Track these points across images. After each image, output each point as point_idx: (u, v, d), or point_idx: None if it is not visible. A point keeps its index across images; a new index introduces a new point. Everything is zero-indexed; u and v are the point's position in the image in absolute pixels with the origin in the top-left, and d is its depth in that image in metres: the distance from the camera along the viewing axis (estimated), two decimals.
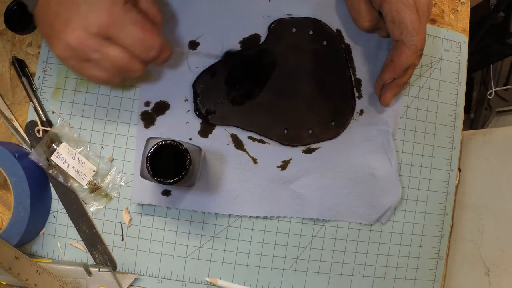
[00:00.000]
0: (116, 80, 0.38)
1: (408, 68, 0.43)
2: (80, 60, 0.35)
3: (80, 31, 0.33)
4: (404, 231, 0.51)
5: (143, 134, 0.47)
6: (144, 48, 0.36)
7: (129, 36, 0.35)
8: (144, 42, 0.36)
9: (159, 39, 0.37)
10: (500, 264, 0.47)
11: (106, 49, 0.35)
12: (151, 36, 0.36)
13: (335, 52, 0.49)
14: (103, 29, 0.34)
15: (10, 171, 0.42)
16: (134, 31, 0.35)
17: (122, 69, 0.37)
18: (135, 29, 0.35)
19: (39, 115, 0.46)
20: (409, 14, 0.40)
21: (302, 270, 0.49)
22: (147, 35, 0.36)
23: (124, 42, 0.35)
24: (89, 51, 0.34)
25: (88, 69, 0.36)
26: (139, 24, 0.35)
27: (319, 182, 0.48)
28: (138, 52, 0.36)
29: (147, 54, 0.37)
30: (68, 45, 0.34)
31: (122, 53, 0.36)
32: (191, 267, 0.48)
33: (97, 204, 0.47)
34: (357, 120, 0.50)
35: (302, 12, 0.49)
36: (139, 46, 0.36)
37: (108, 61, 0.36)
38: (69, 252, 0.47)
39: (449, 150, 0.53)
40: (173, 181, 0.36)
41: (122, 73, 0.37)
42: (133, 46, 0.36)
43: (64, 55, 0.35)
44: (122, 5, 0.34)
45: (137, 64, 0.37)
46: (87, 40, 0.34)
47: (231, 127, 0.48)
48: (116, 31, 0.34)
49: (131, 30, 0.35)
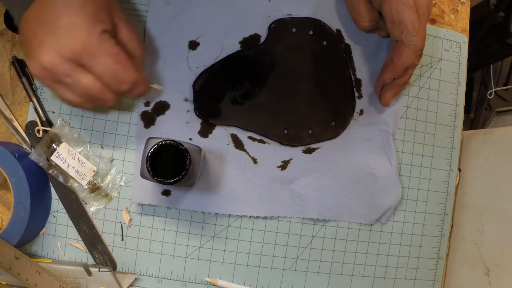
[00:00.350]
0: (88, 106, 0.38)
1: (408, 68, 0.43)
2: (53, 81, 0.35)
3: (53, 54, 0.33)
4: (404, 231, 0.51)
5: (143, 134, 0.47)
6: (115, 81, 0.36)
7: (100, 67, 0.35)
8: (116, 75, 0.36)
9: (132, 74, 0.36)
10: (500, 264, 0.47)
11: (78, 75, 0.35)
12: (124, 70, 0.36)
13: (335, 52, 0.49)
14: (75, 56, 0.34)
15: (10, 171, 0.42)
16: (107, 63, 0.35)
17: (93, 97, 0.37)
18: (107, 61, 0.35)
19: (39, 115, 0.46)
20: (409, 14, 0.40)
21: (302, 270, 0.49)
22: (120, 68, 0.36)
23: (96, 72, 0.35)
24: (61, 75, 0.35)
25: (61, 91, 0.36)
26: (113, 56, 0.35)
27: (319, 182, 0.48)
28: (109, 83, 0.36)
29: (119, 87, 0.37)
30: (42, 65, 0.34)
31: (93, 82, 0.35)
32: (191, 267, 0.48)
33: (97, 204, 0.47)
34: (357, 120, 0.50)
35: (302, 12, 0.49)
36: (111, 78, 0.36)
37: (79, 87, 0.35)
38: (69, 252, 0.47)
39: (449, 150, 0.53)
40: (173, 181, 0.36)
41: (94, 100, 0.37)
42: (105, 77, 0.35)
43: (38, 74, 0.35)
44: (99, 35, 0.34)
45: (108, 95, 0.37)
46: (60, 64, 0.34)
47: (231, 127, 0.48)
48: (88, 60, 0.34)
49: (103, 61, 0.35)
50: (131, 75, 0.36)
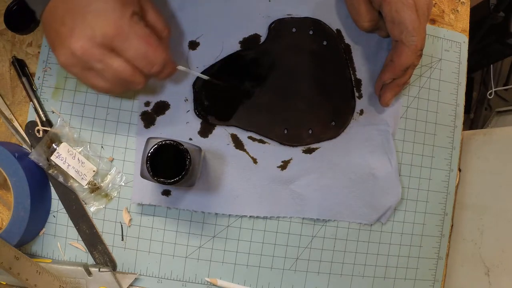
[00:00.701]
0: (118, 90, 0.38)
1: (408, 68, 0.43)
2: (83, 68, 0.35)
3: (85, 40, 0.33)
4: (404, 231, 0.51)
5: (143, 134, 0.47)
6: (147, 63, 0.36)
7: (132, 49, 0.35)
8: (147, 56, 0.36)
9: (162, 55, 0.37)
10: (500, 264, 0.47)
11: (109, 60, 0.35)
12: (155, 51, 0.36)
13: (335, 52, 0.49)
14: (107, 40, 0.34)
15: (10, 171, 0.42)
16: (138, 45, 0.35)
17: (124, 81, 0.37)
18: (139, 42, 0.35)
19: (39, 115, 0.46)
20: (409, 14, 0.40)
21: (302, 270, 0.49)
22: (151, 50, 0.36)
23: (128, 55, 0.35)
24: (92, 61, 0.34)
25: (90, 78, 0.36)
26: (144, 38, 0.35)
27: (319, 182, 0.48)
28: (140, 66, 0.36)
29: (150, 69, 0.37)
30: (72, 52, 0.34)
31: (124, 65, 0.35)
32: (191, 267, 0.48)
33: (97, 204, 0.47)
34: (357, 120, 0.50)
35: (302, 12, 0.49)
36: (142, 60, 0.36)
37: (110, 72, 0.35)
38: (69, 252, 0.47)
39: (449, 150, 0.53)
40: (173, 181, 0.36)
41: (124, 84, 0.37)
42: (136, 59, 0.36)
43: (67, 62, 0.35)
44: (129, 18, 0.34)
45: (139, 77, 0.37)
46: (91, 49, 0.34)
47: (231, 127, 0.48)
48: (120, 43, 0.34)
49: (135, 43, 0.35)
50: (162, 56, 0.37)
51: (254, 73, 0.48)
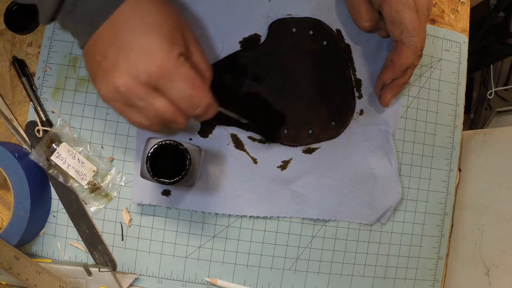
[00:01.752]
0: (157, 128, 0.37)
1: (407, 68, 0.43)
2: (124, 104, 0.34)
3: (129, 77, 0.32)
4: (404, 231, 0.51)
5: (143, 134, 0.47)
6: (191, 105, 0.35)
7: (177, 91, 0.34)
8: (192, 99, 0.34)
9: (207, 98, 0.35)
10: (500, 264, 0.47)
11: (152, 99, 0.34)
12: (200, 94, 0.35)
13: (335, 52, 0.49)
14: (152, 80, 0.33)
15: (10, 171, 0.42)
16: (184, 87, 0.34)
17: (165, 121, 0.36)
18: (185, 85, 0.34)
19: (39, 115, 0.46)
20: (409, 14, 0.40)
21: (302, 270, 0.49)
22: (196, 93, 0.34)
23: (172, 96, 0.34)
24: (135, 98, 0.33)
25: (131, 114, 0.35)
26: (190, 80, 0.34)
27: (319, 182, 0.48)
28: (183, 107, 0.35)
29: (193, 111, 0.35)
30: (115, 88, 0.33)
31: (167, 106, 0.34)
32: (191, 267, 0.48)
33: (97, 204, 0.47)
34: (357, 120, 0.50)
35: (302, 12, 0.49)
36: (186, 102, 0.34)
37: (152, 111, 0.34)
38: (69, 252, 0.47)
39: (449, 150, 0.53)
40: (173, 181, 0.36)
41: (164, 124, 0.36)
42: (180, 101, 0.34)
43: (109, 96, 0.34)
44: (176, 58, 0.33)
45: (180, 118, 0.36)
46: (135, 88, 0.33)
47: (231, 127, 0.48)
48: (165, 83, 0.33)
49: (180, 85, 0.33)
50: (206, 99, 0.35)
51: (254, 73, 0.48)
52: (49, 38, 0.48)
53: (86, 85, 0.47)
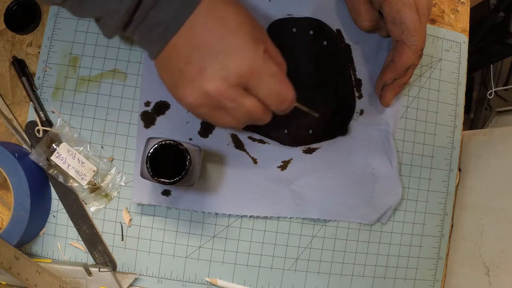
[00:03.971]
0: (242, 126, 0.37)
1: (409, 68, 0.43)
2: (212, 108, 0.34)
3: (219, 81, 0.32)
4: (404, 231, 0.51)
5: (143, 134, 0.47)
6: (279, 101, 0.35)
7: (267, 88, 0.33)
8: (280, 94, 0.34)
9: (292, 91, 0.35)
10: (500, 264, 0.47)
11: (242, 99, 0.33)
12: (287, 88, 0.35)
13: (335, 52, 0.49)
14: (242, 80, 0.32)
15: (10, 171, 0.42)
16: (273, 83, 0.33)
17: (253, 119, 0.35)
18: (273, 81, 0.33)
19: (39, 115, 0.46)
20: (410, 14, 0.40)
21: (302, 270, 0.49)
22: (284, 87, 0.34)
23: (261, 94, 0.34)
24: (226, 101, 0.33)
25: (218, 117, 0.35)
26: (277, 75, 0.34)
27: (319, 182, 0.48)
28: (272, 103, 0.35)
29: (281, 106, 0.35)
30: (205, 93, 0.32)
31: (257, 104, 0.34)
32: (191, 267, 0.48)
33: (97, 204, 0.47)
34: (357, 120, 0.50)
35: (302, 12, 0.49)
36: (275, 98, 0.34)
37: (242, 111, 0.34)
38: (69, 252, 0.47)
39: (449, 150, 0.53)
40: (173, 181, 0.36)
41: (251, 121, 0.36)
42: (269, 97, 0.34)
43: (197, 102, 0.33)
44: (262, 55, 0.33)
45: (267, 114, 0.36)
46: (226, 90, 0.32)
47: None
48: (255, 82, 0.33)
49: (270, 82, 0.33)
50: (292, 92, 0.35)
51: None
52: (49, 38, 0.48)
53: (86, 85, 0.47)
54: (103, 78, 0.47)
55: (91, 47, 0.48)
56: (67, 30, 0.48)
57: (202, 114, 0.35)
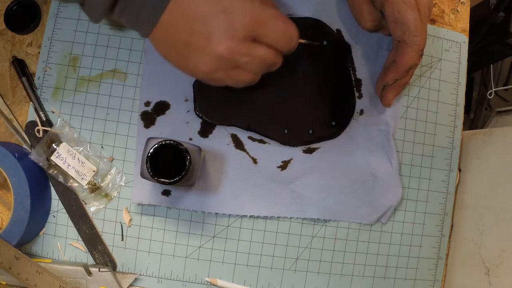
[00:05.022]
0: (258, 78, 0.38)
1: (410, 68, 0.43)
2: (227, 68, 0.35)
3: (228, 40, 0.33)
4: (404, 231, 0.51)
5: (143, 134, 0.47)
6: (287, 40, 0.36)
7: (274, 31, 0.35)
8: (287, 34, 0.36)
9: (295, 27, 0.36)
10: (500, 264, 0.47)
11: (254, 50, 0.34)
12: (291, 26, 0.36)
13: (335, 52, 0.49)
14: (249, 32, 0.33)
15: (10, 171, 0.42)
16: (278, 25, 0.35)
17: (267, 66, 0.36)
18: (277, 23, 0.35)
19: (39, 115, 0.46)
20: (411, 14, 0.40)
21: (302, 270, 0.49)
22: (288, 26, 0.36)
23: (270, 39, 0.35)
24: (239, 57, 0.34)
25: (234, 76, 0.36)
26: (279, 17, 0.35)
27: (319, 182, 0.48)
28: (281, 45, 0.36)
29: (290, 45, 0.37)
30: (218, 56, 0.33)
31: (268, 50, 0.35)
32: (191, 267, 0.48)
33: (97, 204, 0.47)
34: (357, 120, 0.50)
35: (302, 12, 0.49)
36: (283, 39, 0.36)
37: (256, 61, 0.35)
38: (69, 252, 0.47)
39: (449, 150, 0.53)
40: (173, 181, 0.36)
41: (265, 70, 0.37)
42: (277, 40, 0.35)
43: (212, 68, 0.34)
44: (259, 3, 0.34)
45: (279, 57, 0.37)
46: (237, 46, 0.33)
47: (231, 127, 0.48)
48: (261, 29, 0.34)
49: (274, 25, 0.34)
50: (295, 29, 0.36)
51: None
52: (49, 38, 0.48)
53: (86, 85, 0.47)
54: (103, 78, 0.47)
55: (91, 47, 0.48)
56: (67, 30, 0.48)
57: (219, 79, 0.36)
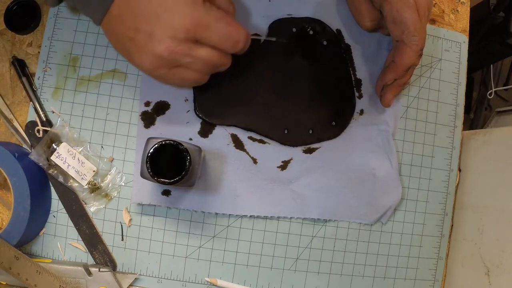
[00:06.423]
0: (206, 78, 0.38)
1: (409, 68, 0.43)
2: (170, 67, 0.35)
3: (168, 40, 0.33)
4: (404, 231, 0.51)
5: (143, 134, 0.47)
6: (232, 43, 0.36)
7: (216, 35, 0.35)
8: (231, 37, 0.36)
9: (243, 30, 0.37)
10: (500, 264, 0.47)
11: (196, 51, 0.35)
12: (236, 29, 0.36)
13: (335, 52, 0.49)
14: (190, 34, 0.34)
15: (10, 171, 0.42)
16: (220, 28, 0.35)
17: (213, 67, 0.37)
18: (220, 26, 0.35)
19: (39, 115, 0.46)
20: (410, 13, 0.40)
21: (302, 270, 0.49)
22: (233, 29, 0.36)
23: (213, 41, 0.35)
24: (180, 57, 0.34)
25: (179, 74, 0.36)
26: (223, 19, 0.35)
27: (320, 182, 0.48)
28: (226, 47, 0.36)
29: (236, 47, 0.37)
30: (158, 56, 0.34)
31: (212, 52, 0.36)
32: (191, 267, 0.48)
33: (97, 204, 0.47)
34: (357, 120, 0.50)
35: (302, 12, 0.49)
36: (227, 41, 0.36)
37: (199, 62, 0.36)
38: (69, 252, 0.47)
39: (449, 150, 0.53)
40: (173, 181, 0.36)
41: (212, 70, 0.38)
42: (221, 42, 0.36)
43: (154, 66, 0.35)
44: (203, 5, 0.34)
45: (226, 59, 0.38)
46: (177, 47, 0.34)
47: (231, 127, 0.48)
48: (202, 32, 0.34)
49: (217, 28, 0.35)
50: (243, 32, 0.37)
51: (254, 73, 0.48)
52: (49, 38, 0.48)
53: (86, 85, 0.47)
54: (103, 78, 0.47)
55: (91, 47, 0.48)
56: (67, 30, 0.48)
57: (162, 76, 0.36)
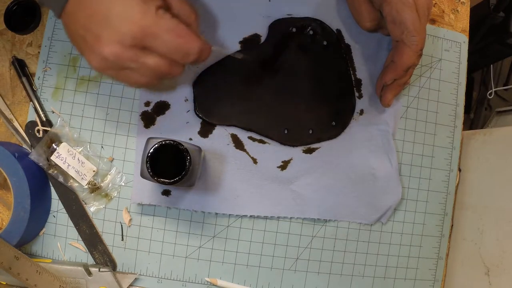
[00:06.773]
0: (156, 83, 0.38)
1: (409, 68, 0.43)
2: (118, 69, 0.35)
3: (114, 45, 0.33)
4: (404, 231, 0.51)
5: (143, 134, 0.47)
6: (182, 55, 0.35)
7: (164, 45, 0.34)
8: (181, 48, 0.35)
9: (196, 43, 0.36)
10: (500, 264, 0.47)
11: (143, 58, 0.34)
12: (187, 42, 0.35)
13: (335, 52, 0.49)
14: (137, 41, 0.33)
15: (10, 171, 0.42)
16: (169, 39, 0.34)
17: (162, 74, 0.36)
18: (169, 37, 0.34)
19: (39, 115, 0.46)
20: (409, 14, 0.40)
21: (302, 270, 0.49)
22: (183, 41, 0.35)
23: (161, 50, 0.35)
24: (126, 62, 0.34)
25: (127, 76, 0.36)
26: (173, 31, 0.34)
27: (320, 182, 0.48)
28: (176, 58, 0.36)
29: (186, 59, 0.36)
30: (104, 58, 0.34)
31: (160, 61, 0.35)
32: (191, 267, 0.48)
33: (97, 204, 0.47)
34: (357, 120, 0.50)
35: (302, 12, 0.49)
36: (176, 53, 0.35)
37: (145, 68, 0.35)
38: (69, 252, 0.47)
39: (449, 150, 0.53)
40: (173, 181, 0.36)
41: (162, 76, 0.37)
42: (170, 53, 0.35)
43: (101, 66, 0.35)
44: (154, 14, 0.34)
45: (176, 68, 0.37)
46: (122, 53, 0.33)
47: (231, 127, 0.48)
48: (150, 41, 0.34)
49: (165, 38, 0.34)
50: (196, 44, 0.36)
51: (254, 73, 0.48)
52: (49, 38, 0.48)
53: (86, 85, 0.47)
54: (103, 78, 0.47)
55: None
56: None
57: (111, 76, 0.36)
